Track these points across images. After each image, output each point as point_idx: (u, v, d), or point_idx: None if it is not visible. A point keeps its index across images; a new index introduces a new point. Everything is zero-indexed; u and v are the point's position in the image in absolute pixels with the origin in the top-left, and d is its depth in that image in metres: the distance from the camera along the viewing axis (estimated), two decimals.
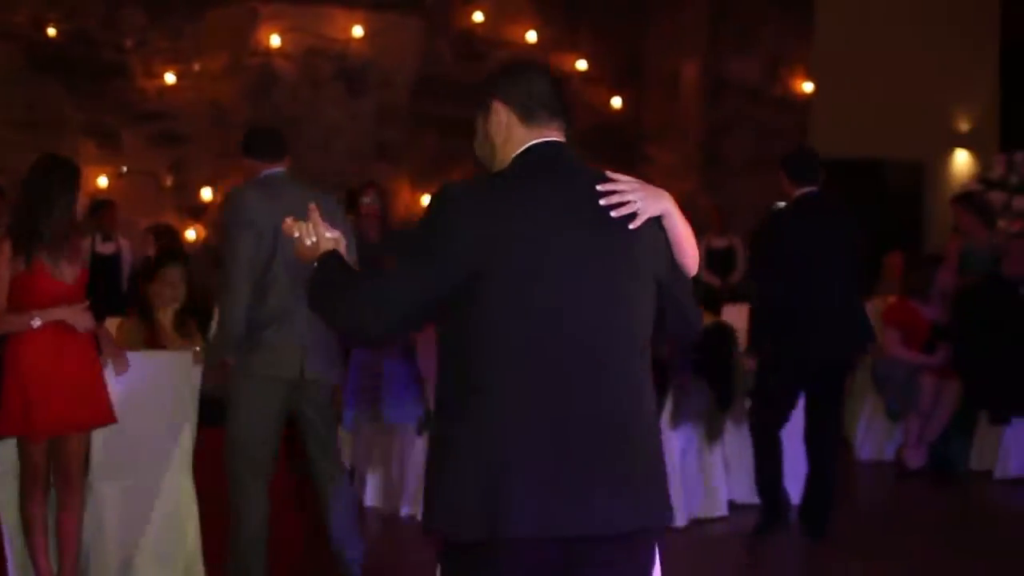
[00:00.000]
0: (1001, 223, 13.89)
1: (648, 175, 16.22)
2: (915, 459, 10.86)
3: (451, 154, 15.74)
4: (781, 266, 8.44)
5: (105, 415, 6.69)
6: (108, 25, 14.72)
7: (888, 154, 16.61)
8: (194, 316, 8.13)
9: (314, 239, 3.96)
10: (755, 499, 9.23)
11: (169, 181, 14.95)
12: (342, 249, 3.99)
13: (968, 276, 11.27)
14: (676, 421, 8.88)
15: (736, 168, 16.23)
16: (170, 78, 14.70)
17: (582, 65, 16.38)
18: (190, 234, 14.82)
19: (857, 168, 15.99)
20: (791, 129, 15.92)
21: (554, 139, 3.88)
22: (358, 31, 15.39)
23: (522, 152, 3.82)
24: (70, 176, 6.71)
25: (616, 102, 16.48)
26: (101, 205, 13.12)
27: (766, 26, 16.47)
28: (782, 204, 9.23)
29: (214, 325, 7.40)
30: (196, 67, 14.88)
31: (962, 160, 17.55)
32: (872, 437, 11.43)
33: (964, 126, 17.54)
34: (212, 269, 8.51)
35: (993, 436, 10.68)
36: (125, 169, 14.60)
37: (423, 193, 14.86)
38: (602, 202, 3.72)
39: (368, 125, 15.44)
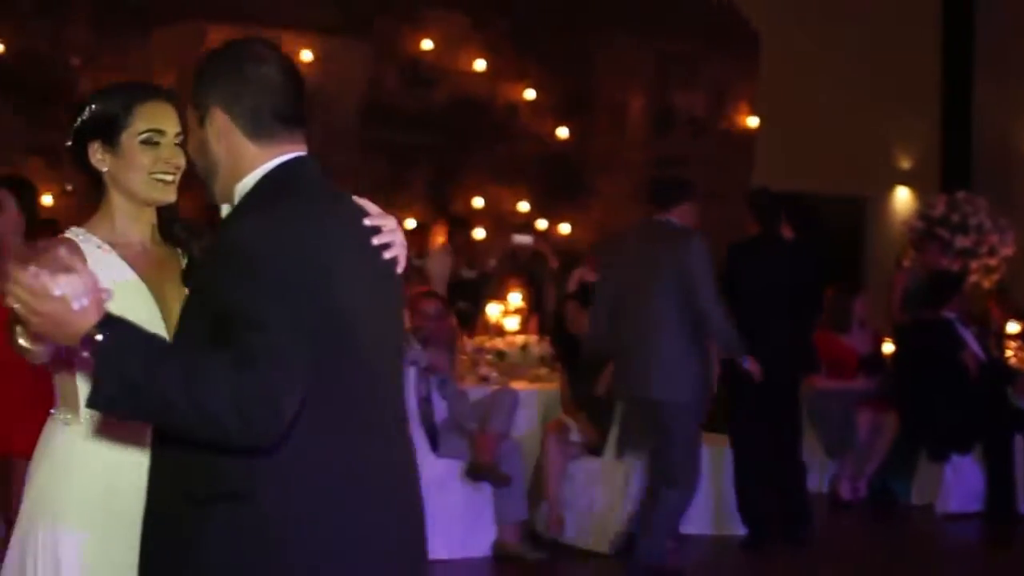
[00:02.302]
0: (943, 262, 14.03)
1: (592, 207, 16.32)
2: (848, 491, 10.94)
3: (398, 180, 15.73)
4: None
5: None
6: (56, 43, 14.64)
7: (831, 189, 16.72)
8: None
9: (85, 301, 2.80)
10: (696, 529, 9.30)
11: None
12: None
13: (910, 312, 11.40)
14: (620, 451, 8.91)
15: None
16: None
17: (530, 95, 16.41)
18: None
19: (799, 203, 16.08)
20: (736, 163, 16.02)
21: (298, 155, 3.19)
22: (307, 55, 15.35)
23: (267, 176, 3.11)
24: None
25: (562, 132, 16.51)
26: (44, 225, 12.99)
27: (712, 60, 16.57)
28: None
29: None
30: None
31: (903, 197, 17.70)
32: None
33: (906, 163, 17.69)
34: None
35: (935, 470, 10.76)
36: (70, 188, 14.50)
37: None
38: (374, 241, 3.20)
39: (315, 150, 15.37)
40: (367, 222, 3.22)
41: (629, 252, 8.31)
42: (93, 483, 3.36)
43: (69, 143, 3.57)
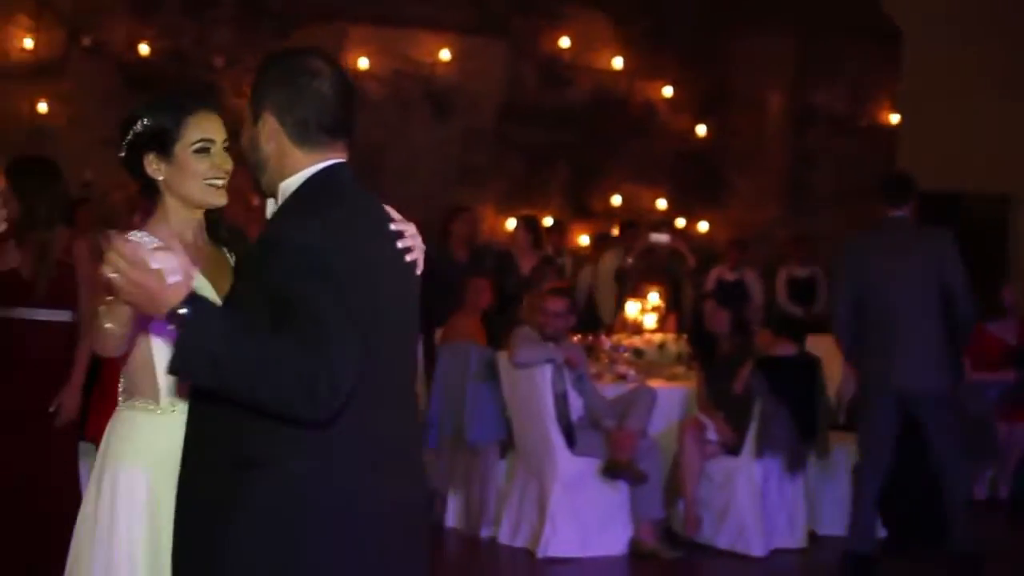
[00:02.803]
0: None
1: (731, 203, 16.25)
2: (983, 491, 10.80)
3: (535, 179, 15.79)
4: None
5: None
6: (199, 43, 14.88)
7: (975, 187, 16.48)
8: None
9: (178, 278, 3.13)
10: (836, 531, 9.22)
11: (256, 200, 15.03)
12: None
13: None
14: (759, 450, 8.86)
15: (820, 198, 16.18)
16: None
17: (667, 92, 16.39)
18: None
19: (942, 200, 15.88)
20: (876, 160, 15.84)
21: (338, 161, 3.48)
22: (445, 54, 15.46)
23: (310, 179, 3.43)
24: None
25: (701, 129, 16.47)
26: None
27: (853, 56, 16.41)
28: None
29: None
30: None
31: None
32: None
33: None
34: None
35: None
36: None
37: (507, 217, 14.90)
38: (399, 244, 3.51)
39: (454, 149, 15.50)
40: (392, 227, 3.52)
41: (882, 251, 8.42)
42: (172, 465, 3.58)
43: (122, 154, 3.84)
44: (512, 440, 9.12)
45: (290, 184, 3.43)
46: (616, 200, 16.20)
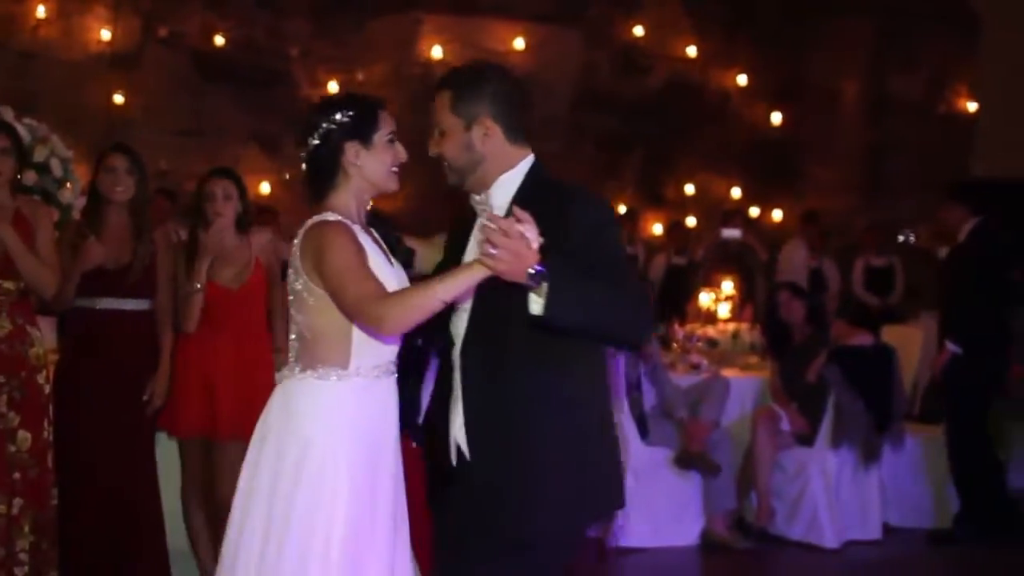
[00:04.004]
0: None
1: (806, 193, 16.13)
2: None
3: (609, 167, 15.75)
4: None
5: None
6: (274, 34, 14.94)
7: None
8: None
9: (535, 244, 3.69)
10: (910, 523, 9.16)
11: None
12: None
13: None
14: (834, 441, 8.81)
15: (897, 187, 16.03)
16: (333, 87, 14.85)
17: (742, 80, 16.30)
18: None
19: (1022, 188, 15.70)
20: (954, 148, 15.68)
21: (534, 156, 4.15)
22: (519, 43, 15.45)
23: (531, 170, 4.11)
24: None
25: (775, 118, 16.37)
26: (264, 212, 13.09)
27: (929, 43, 16.24)
28: None
29: None
30: (359, 76, 15.03)
31: None
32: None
33: None
34: None
35: None
36: (288, 176, 14.77)
37: None
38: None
39: (529, 137, 15.47)
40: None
41: None
42: (361, 430, 4.11)
43: (316, 142, 4.17)
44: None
45: (510, 176, 4.10)
46: (690, 189, 16.15)
